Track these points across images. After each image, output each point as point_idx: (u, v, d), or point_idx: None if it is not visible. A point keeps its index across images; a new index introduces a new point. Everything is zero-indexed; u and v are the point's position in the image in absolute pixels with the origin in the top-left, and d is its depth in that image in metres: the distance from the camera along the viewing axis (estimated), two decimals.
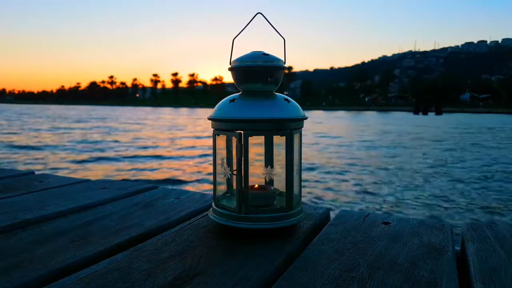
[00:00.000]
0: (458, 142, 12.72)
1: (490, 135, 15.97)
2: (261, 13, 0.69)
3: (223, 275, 0.52)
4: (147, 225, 0.72)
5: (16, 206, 0.83)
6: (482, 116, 41.78)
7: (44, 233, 0.68)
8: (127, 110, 55.54)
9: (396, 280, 0.51)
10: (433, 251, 0.61)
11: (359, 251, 0.61)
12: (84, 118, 27.80)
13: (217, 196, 0.72)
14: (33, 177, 1.15)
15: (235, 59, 0.69)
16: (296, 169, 0.69)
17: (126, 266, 0.55)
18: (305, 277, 0.52)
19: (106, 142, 11.91)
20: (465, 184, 6.23)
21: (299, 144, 0.71)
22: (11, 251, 0.60)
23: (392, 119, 32.71)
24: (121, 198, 0.92)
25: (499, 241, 0.66)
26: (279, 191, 0.74)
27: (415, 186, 6.00)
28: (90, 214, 0.79)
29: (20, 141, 11.44)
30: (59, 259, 0.57)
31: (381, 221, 0.76)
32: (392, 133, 16.72)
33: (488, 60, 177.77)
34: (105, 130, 17.04)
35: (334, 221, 0.76)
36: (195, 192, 0.98)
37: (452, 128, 21.22)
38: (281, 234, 0.67)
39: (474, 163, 8.46)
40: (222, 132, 0.69)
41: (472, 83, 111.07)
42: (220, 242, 0.64)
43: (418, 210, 4.65)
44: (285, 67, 0.70)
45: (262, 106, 0.67)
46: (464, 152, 10.34)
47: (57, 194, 0.94)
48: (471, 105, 77.42)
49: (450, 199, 5.24)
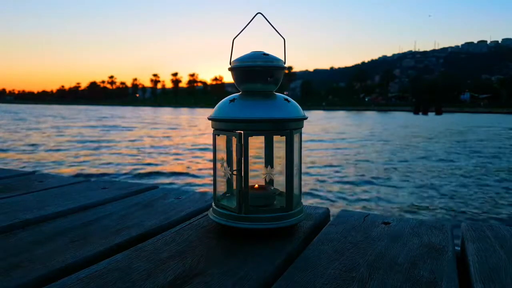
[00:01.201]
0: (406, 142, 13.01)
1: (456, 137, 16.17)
2: (261, 13, 0.69)
3: (223, 275, 0.52)
4: (147, 225, 0.72)
5: (16, 206, 0.83)
6: (480, 116, 41.87)
7: (44, 233, 0.68)
8: (139, 110, 53.80)
9: (396, 280, 0.51)
10: (433, 251, 0.61)
11: (359, 251, 0.61)
12: (129, 121, 24.74)
13: (217, 196, 0.72)
14: (33, 177, 1.15)
15: (235, 59, 0.69)
16: (296, 169, 0.69)
17: (126, 266, 0.55)
18: (305, 277, 0.52)
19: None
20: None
21: (299, 144, 0.71)
22: (11, 251, 0.60)
23: (387, 118, 32.76)
24: (121, 198, 0.92)
25: (499, 241, 0.66)
26: (279, 191, 0.74)
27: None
28: (90, 214, 0.79)
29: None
30: (59, 259, 0.57)
31: (381, 221, 0.76)
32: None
33: (488, 60, 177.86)
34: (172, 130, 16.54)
35: (334, 221, 0.76)
36: (195, 192, 0.98)
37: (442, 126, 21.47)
38: (281, 234, 0.67)
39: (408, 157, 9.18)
40: (222, 132, 0.69)
41: (472, 83, 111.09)
42: (220, 242, 0.65)
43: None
44: (285, 67, 0.70)
45: (262, 106, 0.67)
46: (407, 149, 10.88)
47: (57, 194, 0.94)
48: (471, 105, 77.44)
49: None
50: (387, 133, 16.29)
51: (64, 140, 11.86)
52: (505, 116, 41.40)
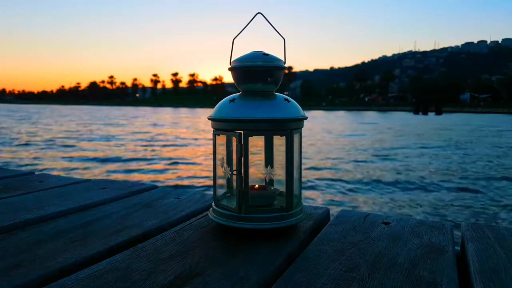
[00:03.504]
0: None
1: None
2: (261, 13, 0.69)
3: (223, 275, 0.52)
4: (147, 225, 0.72)
5: (16, 206, 0.83)
6: (480, 116, 41.74)
7: (44, 233, 0.68)
8: (145, 110, 52.24)
9: (396, 280, 0.51)
10: (433, 251, 0.61)
11: (359, 251, 0.61)
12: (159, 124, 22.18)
13: (217, 196, 0.72)
14: (33, 177, 1.15)
15: (235, 59, 0.69)
16: (296, 169, 0.69)
17: (126, 266, 0.55)
18: (305, 277, 0.52)
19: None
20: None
21: (299, 144, 0.71)
22: (11, 251, 0.60)
23: (383, 118, 32.67)
24: (121, 198, 0.92)
25: (499, 241, 0.66)
26: (279, 191, 0.74)
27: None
28: (90, 214, 0.79)
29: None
30: (59, 259, 0.57)
31: (381, 221, 0.76)
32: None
33: (488, 60, 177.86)
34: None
35: (334, 221, 0.76)
36: (195, 192, 0.98)
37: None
38: (281, 234, 0.67)
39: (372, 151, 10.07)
40: (222, 132, 0.69)
41: (472, 83, 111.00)
42: (220, 242, 0.64)
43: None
44: (285, 67, 0.70)
45: (262, 106, 0.67)
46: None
47: (57, 194, 0.94)
48: (471, 105, 77.42)
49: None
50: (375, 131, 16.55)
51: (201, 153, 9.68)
52: (504, 116, 41.32)
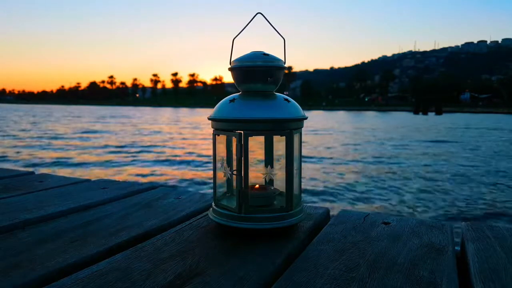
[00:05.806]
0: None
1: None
2: (261, 13, 0.69)
3: (223, 275, 0.52)
4: (147, 225, 0.72)
5: (16, 206, 0.83)
6: (478, 116, 41.63)
7: (44, 233, 0.68)
8: (151, 111, 51.47)
9: (396, 280, 0.51)
10: (433, 251, 0.61)
11: (359, 251, 0.61)
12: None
13: (217, 196, 0.72)
14: (33, 177, 1.15)
15: (235, 59, 0.69)
16: (296, 169, 0.69)
17: (126, 266, 0.55)
18: (305, 277, 0.52)
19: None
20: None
21: (299, 144, 0.71)
22: (11, 251, 0.60)
23: (380, 118, 32.59)
24: (121, 198, 0.92)
25: (499, 241, 0.66)
26: (279, 191, 0.74)
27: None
28: (90, 214, 0.79)
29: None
30: (59, 259, 0.57)
31: (381, 221, 0.76)
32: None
33: (488, 60, 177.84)
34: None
35: (334, 221, 0.76)
36: (195, 192, 0.98)
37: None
38: (281, 234, 0.67)
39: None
40: (222, 132, 0.69)
41: (472, 83, 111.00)
42: (220, 242, 0.64)
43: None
44: (285, 67, 0.70)
45: (262, 106, 0.67)
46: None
47: (57, 194, 0.94)
48: (471, 105, 77.42)
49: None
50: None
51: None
52: (504, 116, 41.23)
